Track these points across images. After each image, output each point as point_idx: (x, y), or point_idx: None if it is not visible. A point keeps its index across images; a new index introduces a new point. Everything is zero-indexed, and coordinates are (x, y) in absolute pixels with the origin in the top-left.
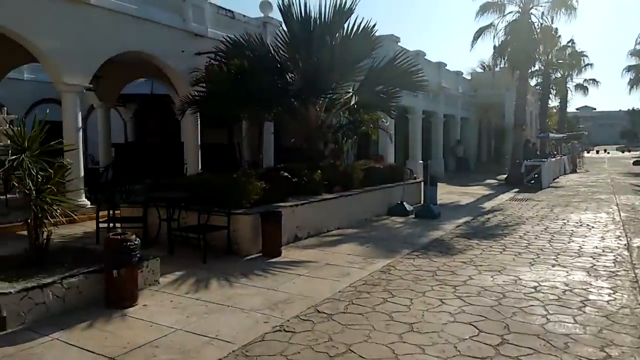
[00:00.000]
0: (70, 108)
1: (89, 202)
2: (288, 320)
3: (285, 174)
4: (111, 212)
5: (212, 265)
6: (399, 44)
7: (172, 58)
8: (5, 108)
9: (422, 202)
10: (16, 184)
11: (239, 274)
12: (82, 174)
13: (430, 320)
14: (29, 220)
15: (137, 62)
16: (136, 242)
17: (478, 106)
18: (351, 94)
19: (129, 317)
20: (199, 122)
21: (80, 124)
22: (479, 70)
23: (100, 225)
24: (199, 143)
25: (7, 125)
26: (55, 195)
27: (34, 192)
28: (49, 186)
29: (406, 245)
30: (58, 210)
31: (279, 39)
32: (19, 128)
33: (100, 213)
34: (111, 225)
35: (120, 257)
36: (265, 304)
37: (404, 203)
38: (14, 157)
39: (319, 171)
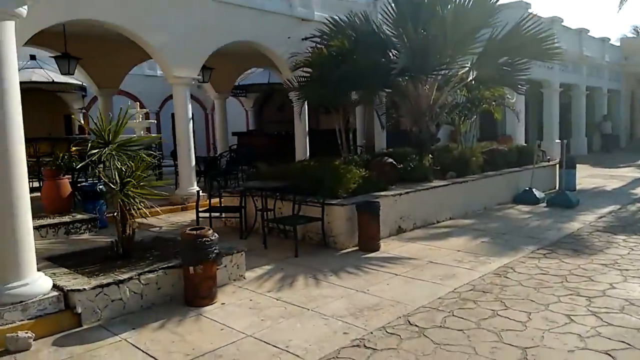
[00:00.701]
0: (181, 100)
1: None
2: (371, 333)
3: (390, 160)
4: (212, 201)
5: (303, 259)
6: (529, 10)
7: (278, 45)
8: (137, 103)
9: (557, 188)
10: (102, 177)
11: (328, 271)
12: (192, 163)
13: (552, 344)
14: (115, 214)
15: (246, 52)
16: (213, 238)
17: (630, 76)
18: (468, 68)
19: (203, 318)
20: (306, 108)
21: (190, 115)
22: (631, 35)
23: (203, 215)
24: (307, 129)
25: (139, 119)
26: (136, 189)
27: (119, 185)
28: (129, 179)
29: (531, 240)
30: (142, 203)
31: (386, 15)
32: (103, 121)
33: (210, 201)
34: (213, 214)
35: (195, 253)
36: (349, 309)
37: (533, 189)
38: (95, 151)
39: (429, 156)
